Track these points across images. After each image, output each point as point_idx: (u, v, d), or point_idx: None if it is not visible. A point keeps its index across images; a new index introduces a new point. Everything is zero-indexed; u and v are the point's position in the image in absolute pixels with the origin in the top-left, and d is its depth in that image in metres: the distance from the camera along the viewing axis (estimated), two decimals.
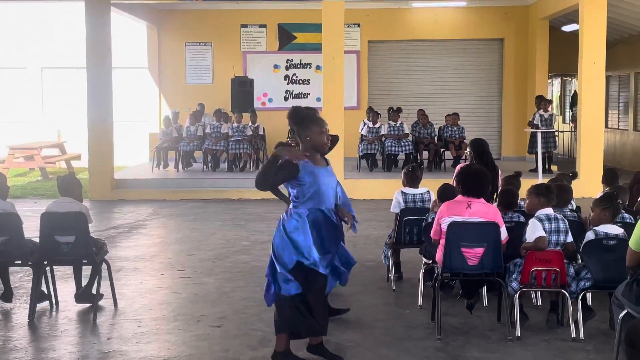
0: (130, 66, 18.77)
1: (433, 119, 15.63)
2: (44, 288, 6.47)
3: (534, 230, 5.65)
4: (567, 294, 5.60)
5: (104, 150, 13.62)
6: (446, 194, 6.31)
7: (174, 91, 18.10)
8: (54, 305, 6.52)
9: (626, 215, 6.24)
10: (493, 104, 18.21)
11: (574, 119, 17.67)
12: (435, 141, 15.22)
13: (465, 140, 14.60)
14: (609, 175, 7.74)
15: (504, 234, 5.61)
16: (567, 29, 17.67)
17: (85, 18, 13.61)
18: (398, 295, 6.92)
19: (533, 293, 6.40)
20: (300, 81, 18.07)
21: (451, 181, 6.90)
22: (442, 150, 15.22)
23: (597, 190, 8.63)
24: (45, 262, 6.34)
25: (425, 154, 15.11)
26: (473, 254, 5.57)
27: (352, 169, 14.84)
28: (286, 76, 18.08)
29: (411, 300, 6.61)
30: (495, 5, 17.53)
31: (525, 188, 6.23)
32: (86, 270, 6.62)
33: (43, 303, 6.46)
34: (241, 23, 17.88)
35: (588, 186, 11.96)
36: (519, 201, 6.50)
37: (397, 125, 14.97)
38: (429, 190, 7.23)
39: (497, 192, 7.00)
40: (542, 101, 14.76)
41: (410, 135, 15.15)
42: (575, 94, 18.86)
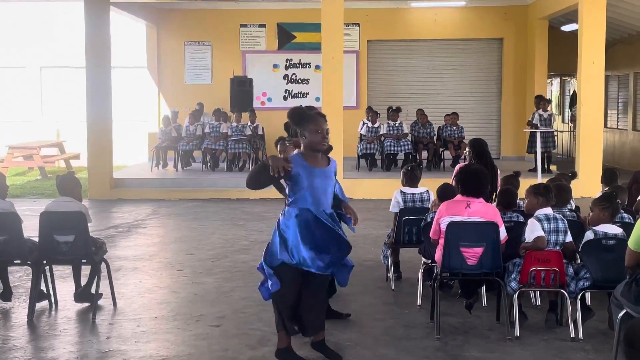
0: (130, 65, 18.76)
1: (432, 118, 15.63)
2: (43, 287, 6.47)
3: (532, 230, 5.66)
4: (566, 294, 5.60)
5: (103, 149, 13.61)
6: (446, 194, 6.30)
7: (173, 90, 18.10)
8: (53, 305, 6.52)
9: (625, 215, 6.24)
10: (492, 104, 18.22)
11: (573, 119, 17.67)
12: (435, 141, 15.23)
13: (464, 140, 14.60)
14: (608, 175, 7.74)
15: (503, 233, 5.61)
16: (567, 28, 17.68)
17: (84, 17, 13.61)
18: (397, 294, 6.93)
19: (532, 293, 6.40)
20: (300, 81, 18.06)
21: (450, 181, 6.90)
22: (441, 149, 15.22)
23: (596, 190, 8.63)
24: (44, 262, 6.34)
25: (425, 153, 15.11)
26: (472, 254, 5.56)
27: (351, 169, 14.84)
28: (285, 76, 18.08)
29: (410, 300, 6.62)
30: (495, 5, 17.53)
31: (525, 188, 6.22)
32: (85, 270, 6.62)
33: (42, 302, 6.46)
34: (240, 22, 17.89)
35: (587, 186, 11.96)
36: (518, 201, 6.50)
37: (396, 124, 14.97)
38: (428, 190, 7.23)
39: (496, 192, 7.00)
40: (542, 101, 14.76)
41: (410, 134, 15.15)
42: (575, 93, 18.87)
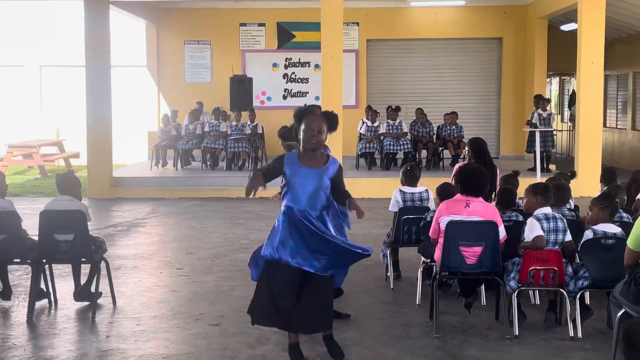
0: (129, 64, 18.75)
1: (432, 117, 15.63)
2: (42, 286, 6.47)
3: (532, 230, 5.66)
4: (565, 293, 5.61)
5: (103, 148, 13.61)
6: (447, 193, 6.29)
7: (172, 89, 18.09)
8: (53, 304, 6.53)
9: (624, 214, 6.25)
10: (491, 103, 18.22)
11: (573, 118, 17.64)
12: (434, 140, 15.22)
13: (463, 139, 14.59)
14: (607, 175, 7.75)
15: (502, 233, 5.61)
16: (566, 28, 17.67)
17: (84, 16, 13.61)
18: (396, 294, 6.93)
19: (531, 292, 6.41)
20: (299, 80, 18.06)
21: (449, 180, 6.91)
22: (441, 149, 15.22)
23: (596, 189, 8.63)
24: (44, 260, 6.35)
25: (424, 152, 15.11)
26: (471, 253, 5.57)
27: (351, 168, 14.84)
28: (285, 75, 18.07)
29: (409, 299, 6.62)
30: (494, 5, 17.53)
31: (524, 187, 6.22)
32: (85, 269, 6.62)
33: (42, 301, 6.46)
34: (240, 21, 17.89)
35: (586, 185, 11.96)
36: (517, 200, 6.51)
37: (396, 124, 14.97)
38: (427, 189, 7.22)
39: (496, 191, 7.01)
40: (541, 100, 14.76)
41: (409, 134, 15.15)
42: (574, 93, 18.88)
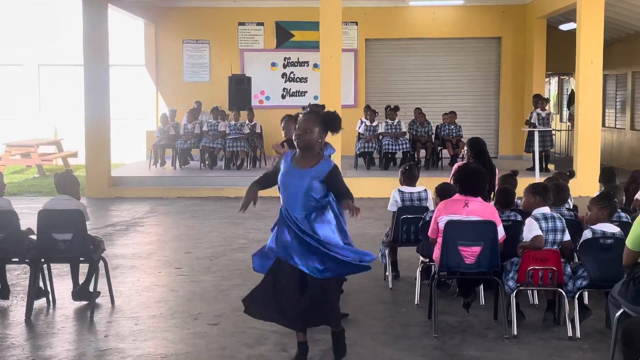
0: (128, 64, 18.72)
1: (430, 117, 15.63)
2: (41, 285, 6.46)
3: (530, 230, 5.67)
4: (564, 293, 5.61)
5: (101, 147, 13.60)
6: (446, 193, 6.28)
7: (171, 89, 18.07)
8: (51, 303, 6.52)
9: (623, 214, 6.26)
10: (490, 103, 18.22)
11: (571, 118, 17.67)
12: (433, 140, 15.23)
13: (462, 139, 14.59)
14: (606, 174, 7.75)
15: (501, 232, 5.61)
16: (565, 27, 17.68)
17: (82, 15, 13.60)
18: (395, 293, 6.93)
19: (530, 292, 6.42)
20: (298, 79, 18.05)
21: (448, 180, 6.90)
22: (440, 148, 15.22)
23: (594, 189, 8.65)
24: (42, 260, 6.34)
25: (423, 152, 15.11)
26: (470, 253, 5.57)
27: (350, 168, 14.83)
28: (284, 74, 18.06)
29: (408, 299, 6.62)
30: (493, 4, 17.52)
31: (523, 187, 6.23)
32: (83, 268, 6.62)
33: (40, 300, 6.46)
34: (239, 21, 17.87)
35: (585, 185, 11.97)
36: (516, 200, 6.50)
37: (395, 123, 14.98)
38: (426, 189, 7.22)
39: (494, 191, 7.00)
40: (540, 100, 14.77)
41: (408, 133, 15.15)
42: (573, 92, 18.88)
